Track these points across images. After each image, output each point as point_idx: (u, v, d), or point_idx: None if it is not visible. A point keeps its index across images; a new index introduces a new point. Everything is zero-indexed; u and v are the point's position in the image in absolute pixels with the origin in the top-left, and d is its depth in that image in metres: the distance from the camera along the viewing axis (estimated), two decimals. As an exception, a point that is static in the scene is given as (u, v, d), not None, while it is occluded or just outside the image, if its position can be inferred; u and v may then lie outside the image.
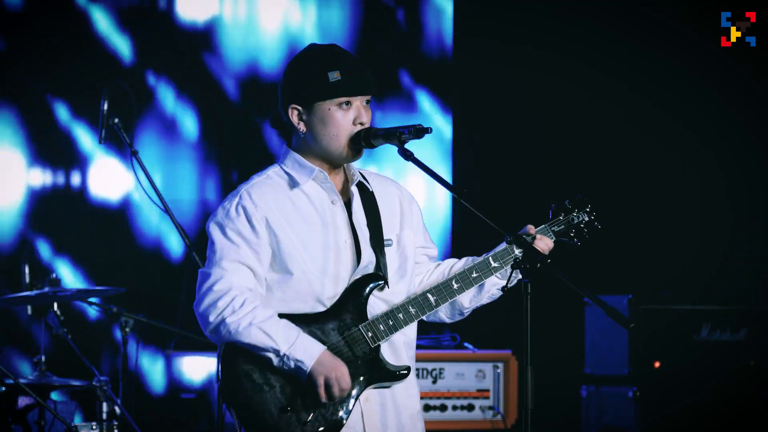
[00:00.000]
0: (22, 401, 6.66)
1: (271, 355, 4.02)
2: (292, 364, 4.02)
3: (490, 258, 4.27)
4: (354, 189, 4.23)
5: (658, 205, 8.75)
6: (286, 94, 4.19)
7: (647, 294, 7.79)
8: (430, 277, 4.37)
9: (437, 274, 4.36)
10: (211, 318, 4.05)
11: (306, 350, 4.02)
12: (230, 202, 4.16)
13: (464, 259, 4.36)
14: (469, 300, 4.33)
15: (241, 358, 4.06)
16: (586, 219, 4.42)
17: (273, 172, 4.22)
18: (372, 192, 4.27)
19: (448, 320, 4.40)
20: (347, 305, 4.13)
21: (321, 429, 4.06)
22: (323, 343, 4.09)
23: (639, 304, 7.68)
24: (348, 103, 4.14)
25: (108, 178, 8.21)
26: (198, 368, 8.27)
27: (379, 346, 4.15)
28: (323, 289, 4.12)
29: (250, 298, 4.05)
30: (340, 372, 4.04)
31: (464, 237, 8.77)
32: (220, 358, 4.09)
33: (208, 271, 4.10)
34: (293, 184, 4.18)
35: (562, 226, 4.38)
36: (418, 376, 7.48)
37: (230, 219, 4.12)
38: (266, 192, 4.16)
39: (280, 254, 4.11)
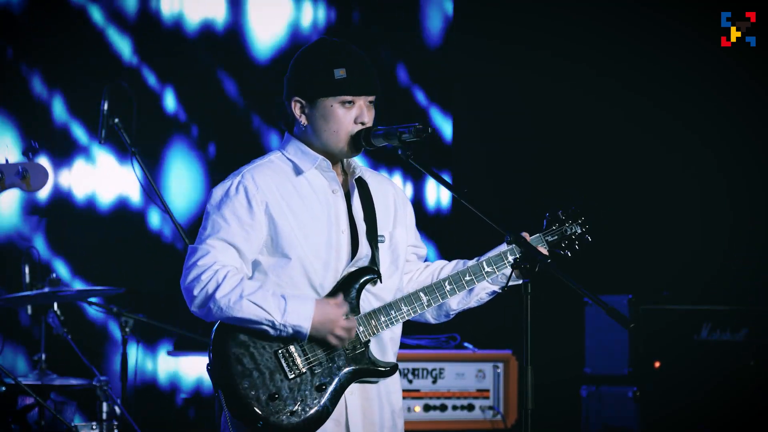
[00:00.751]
0: (22, 401, 6.66)
1: (267, 327, 4.03)
2: (291, 330, 4.03)
3: (484, 262, 4.30)
4: (354, 182, 4.25)
5: (658, 205, 8.75)
6: (290, 86, 4.21)
7: (647, 294, 7.79)
8: (420, 276, 4.40)
9: (426, 274, 4.40)
10: (195, 292, 4.05)
11: (300, 313, 4.03)
12: (231, 181, 4.16)
13: (454, 262, 4.40)
14: (457, 302, 4.36)
15: (231, 342, 4.06)
16: (578, 231, 4.44)
17: (275, 157, 4.24)
18: (369, 188, 4.28)
19: (433, 321, 4.43)
20: (340, 297, 4.14)
21: (307, 418, 4.07)
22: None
23: (639, 304, 7.68)
24: (351, 101, 4.15)
25: (107, 177, 8.21)
26: (198, 368, 8.27)
27: (368, 341, 4.16)
28: (318, 277, 4.14)
29: (232, 271, 4.05)
30: (338, 323, 4.06)
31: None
32: (211, 341, 4.09)
33: (196, 247, 4.11)
34: (297, 170, 4.19)
35: (555, 237, 4.41)
36: (418, 376, 7.51)
37: (228, 197, 4.13)
38: (269, 175, 4.17)
39: (278, 239, 4.12)
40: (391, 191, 4.36)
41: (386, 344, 4.23)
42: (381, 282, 4.21)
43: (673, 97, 8.72)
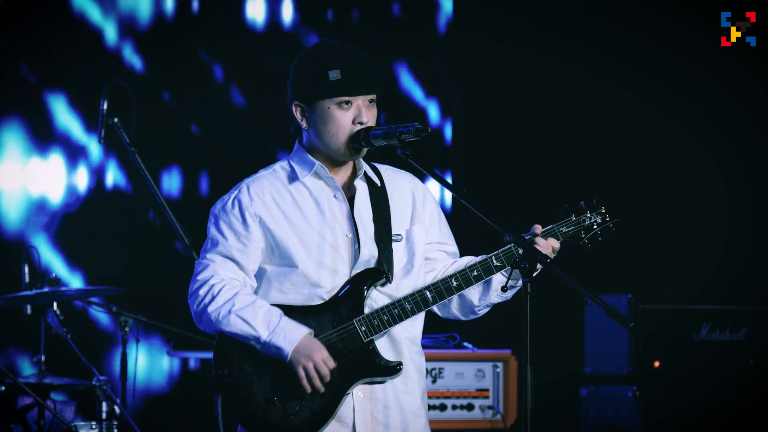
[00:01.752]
0: (22, 401, 6.66)
1: (253, 343, 4.07)
2: (273, 351, 4.05)
3: (493, 257, 4.22)
4: (360, 183, 4.24)
5: (658, 204, 8.75)
6: (291, 91, 4.24)
7: (647, 294, 7.78)
8: (445, 273, 4.30)
9: (452, 270, 4.29)
10: (194, 306, 4.14)
11: (286, 336, 4.05)
12: (229, 195, 4.23)
13: (481, 257, 4.28)
14: (478, 298, 4.29)
15: (233, 348, 4.10)
16: (599, 221, 4.32)
17: (279, 166, 4.27)
18: (383, 186, 4.27)
19: (462, 317, 4.35)
20: (345, 299, 4.14)
21: (307, 420, 4.08)
22: (316, 335, 4.11)
23: (639, 304, 7.68)
24: (348, 102, 4.15)
25: (105, 176, 8.21)
26: (197, 367, 8.27)
27: (372, 340, 4.15)
28: (320, 282, 4.14)
29: (229, 285, 4.11)
30: (319, 358, 4.05)
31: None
32: (214, 348, 4.13)
33: (199, 262, 4.20)
34: (294, 177, 4.21)
35: (572, 227, 4.27)
36: (417, 375, 7.51)
37: (225, 212, 4.19)
38: (265, 186, 4.20)
39: (277, 248, 4.15)
40: (409, 187, 4.32)
41: (400, 343, 4.20)
42: (390, 282, 4.19)
43: (672, 97, 8.72)
